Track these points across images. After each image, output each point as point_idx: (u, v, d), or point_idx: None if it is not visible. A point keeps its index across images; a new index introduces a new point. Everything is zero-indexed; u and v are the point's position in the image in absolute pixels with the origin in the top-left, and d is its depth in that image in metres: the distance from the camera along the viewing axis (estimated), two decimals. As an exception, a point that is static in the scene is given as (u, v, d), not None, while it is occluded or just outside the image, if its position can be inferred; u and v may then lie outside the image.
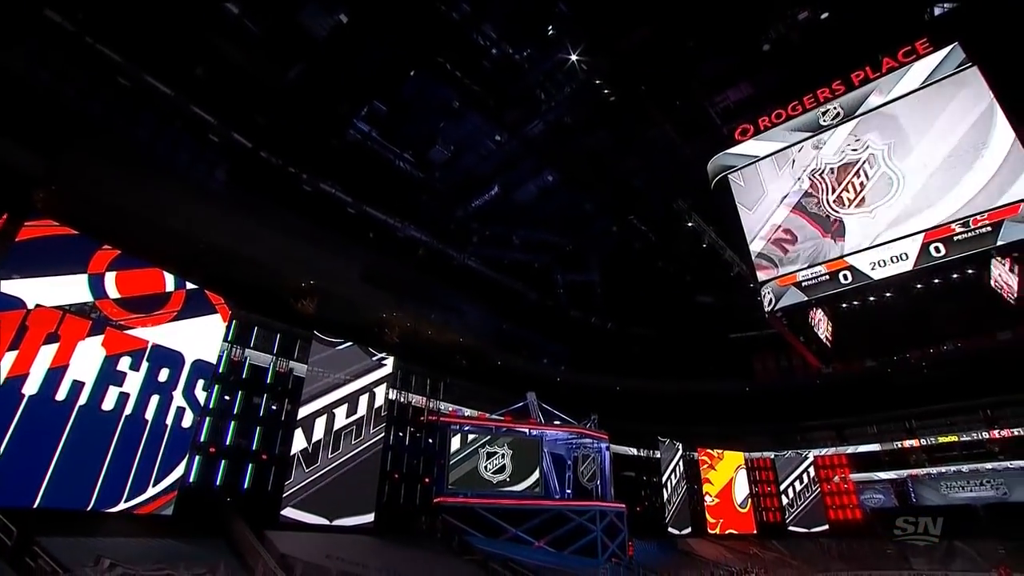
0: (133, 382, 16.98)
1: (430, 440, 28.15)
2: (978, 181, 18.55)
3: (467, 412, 30.80)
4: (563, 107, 24.61)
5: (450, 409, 30.10)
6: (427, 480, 27.58)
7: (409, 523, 24.83)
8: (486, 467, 28.39)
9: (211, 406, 19.61)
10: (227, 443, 20.74)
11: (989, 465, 40.22)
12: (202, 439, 19.00)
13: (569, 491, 31.57)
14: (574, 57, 22.16)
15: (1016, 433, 40.18)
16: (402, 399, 27.28)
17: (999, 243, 17.86)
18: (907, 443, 44.43)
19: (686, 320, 46.08)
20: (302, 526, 20.31)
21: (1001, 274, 20.22)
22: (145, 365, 17.37)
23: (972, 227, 18.32)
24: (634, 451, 39.93)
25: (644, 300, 43.08)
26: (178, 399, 17.97)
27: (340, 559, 17.15)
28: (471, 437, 28.88)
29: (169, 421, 17.59)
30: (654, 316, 45.81)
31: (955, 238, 18.60)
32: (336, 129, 25.48)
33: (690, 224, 29.54)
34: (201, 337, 19.08)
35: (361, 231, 31.25)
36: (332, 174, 27.36)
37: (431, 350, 35.76)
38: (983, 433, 41.60)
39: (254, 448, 21.59)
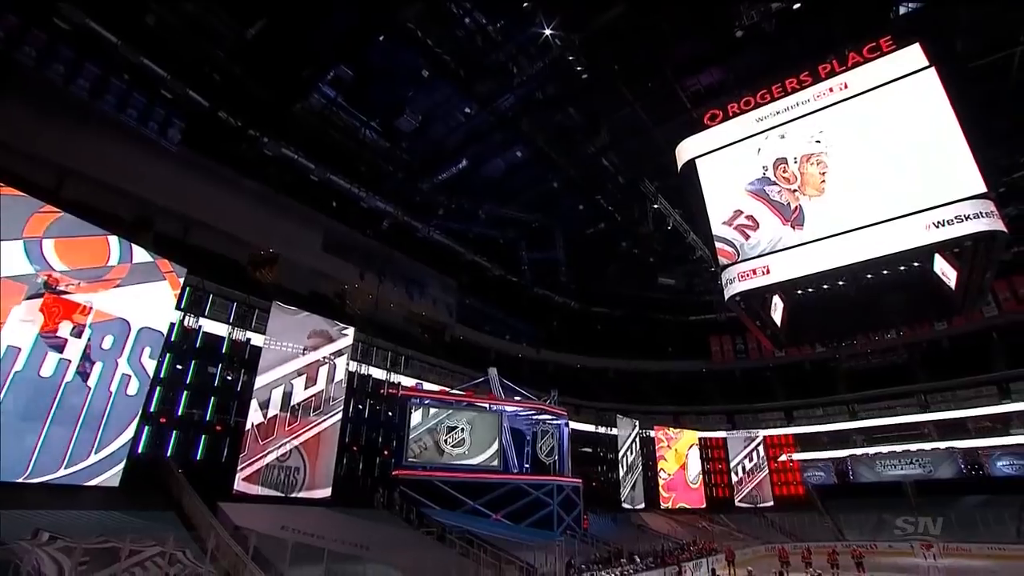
0: (74, 349, 16.19)
1: (390, 413, 28.04)
2: (928, 178, 19.22)
3: (428, 386, 30.77)
4: (535, 82, 24.24)
5: (411, 383, 29.97)
6: (386, 453, 27.59)
7: (367, 496, 24.84)
8: (446, 441, 28.54)
9: (162, 375, 18.94)
10: (179, 413, 20.19)
11: (918, 446, 42.96)
12: (152, 409, 18.39)
13: (527, 465, 32.11)
14: (548, 31, 21.74)
15: (945, 417, 42.99)
16: (363, 371, 26.97)
17: (936, 240, 18.58)
18: (849, 425, 46.97)
19: (648, 301, 46.93)
20: (257, 498, 20.04)
21: (944, 269, 21.19)
22: (87, 332, 16.57)
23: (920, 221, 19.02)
24: (592, 428, 40.80)
25: (608, 280, 43.55)
26: (123, 367, 17.24)
27: (296, 531, 17.00)
28: (432, 411, 28.91)
29: (113, 389, 16.90)
30: (617, 296, 46.47)
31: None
32: (299, 92, 24.48)
33: (656, 206, 29.81)
34: (149, 304, 18.23)
35: (324, 199, 30.49)
36: (295, 139, 26.39)
37: (393, 323, 35.51)
38: (917, 416, 44.28)
39: (208, 419, 21.09)
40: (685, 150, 24.81)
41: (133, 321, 17.68)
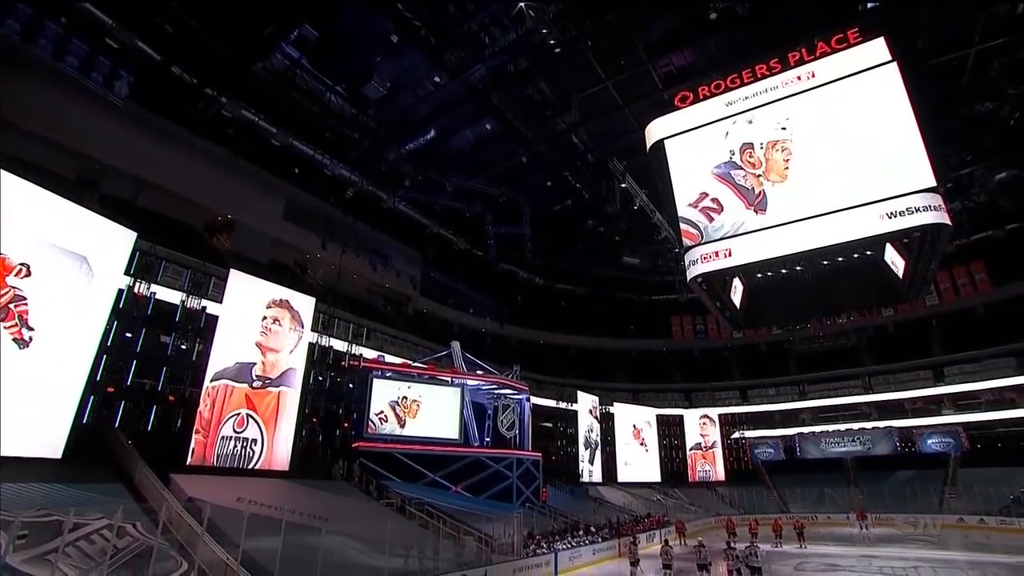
0: (10, 314, 15.27)
1: (351, 385, 27.73)
2: (884, 170, 19.83)
3: (390, 358, 30.53)
4: (507, 54, 23.72)
5: (373, 355, 29.68)
6: (346, 425, 27.37)
7: (326, 468, 24.66)
8: (407, 413, 28.52)
9: (109, 343, 18.12)
10: (128, 383, 19.45)
11: (860, 425, 45.59)
12: (98, 378, 17.62)
13: (488, 439, 32.45)
14: (522, 2, 21.24)
15: (885, 398, 45.67)
16: (323, 343, 26.48)
17: (889, 230, 19.30)
18: (799, 405, 49.27)
19: (613, 279, 47.50)
20: (213, 470, 19.62)
21: (893, 258, 22.09)
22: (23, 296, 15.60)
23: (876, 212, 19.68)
24: (553, 403, 41.44)
25: (573, 257, 43.80)
26: (61, 330, 16.32)
27: (253, 502, 16.73)
28: (393, 384, 28.77)
29: (51, 355, 16.05)
30: (582, 273, 46.85)
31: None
32: (260, 51, 23.31)
33: (624, 185, 29.91)
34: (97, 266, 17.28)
35: (286, 165, 29.48)
36: (255, 101, 25.24)
37: (355, 294, 34.98)
38: (861, 397, 46.85)
39: (160, 388, 20.41)
40: (654, 130, 24.85)
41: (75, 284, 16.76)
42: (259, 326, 22.44)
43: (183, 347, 21.34)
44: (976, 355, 42.40)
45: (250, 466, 20.91)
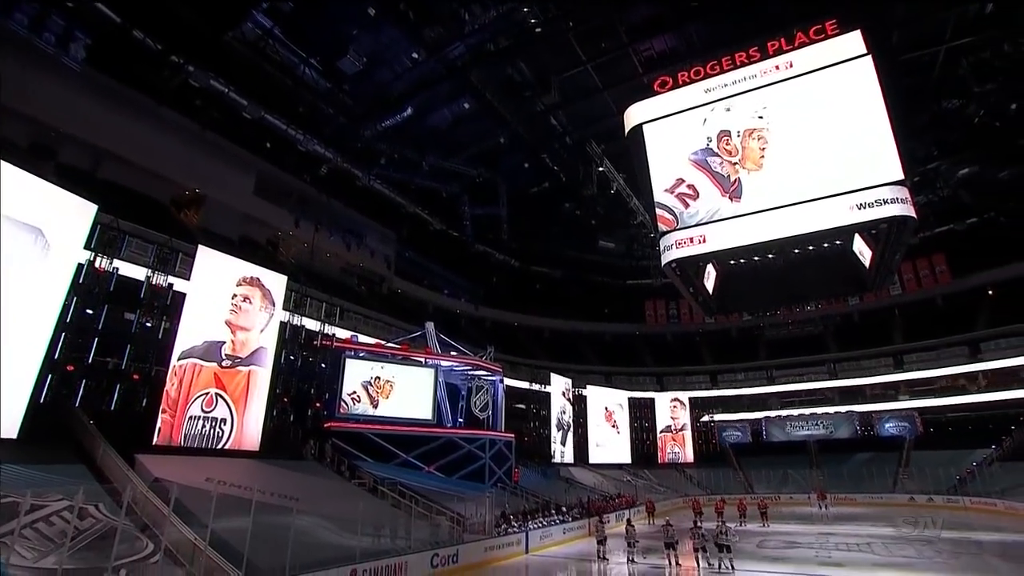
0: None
1: (323, 365, 27.39)
2: (855, 162, 20.21)
3: (363, 338, 30.23)
4: (487, 32, 23.28)
5: (346, 335, 29.34)
6: (318, 405, 27.09)
7: (298, 448, 24.43)
8: (380, 394, 28.39)
9: (68, 320, 17.46)
10: (89, 361, 18.81)
11: (824, 409, 47.29)
12: (56, 356, 16.99)
13: (461, 420, 32.55)
14: (503, -21, 20.85)
15: (848, 384, 47.43)
16: (295, 322, 26.01)
17: (858, 221, 19.76)
18: (767, 389, 50.73)
19: (588, 263, 47.73)
20: (180, 450, 19.24)
21: (861, 248, 22.66)
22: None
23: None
24: (527, 385, 41.74)
25: (549, 240, 43.81)
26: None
27: (222, 482, 16.48)
28: (366, 364, 28.55)
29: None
30: (558, 256, 46.95)
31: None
32: (231, 19, 22.38)
33: (601, 169, 29.88)
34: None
35: (257, 140, 28.61)
36: (225, 71, 24.30)
37: (329, 273, 34.47)
38: (826, 383, 48.49)
39: (123, 367, 19.80)
40: (633, 115, 24.82)
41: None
42: (229, 304, 21.89)
43: (148, 325, 20.69)
44: (934, 344, 44.33)
45: (219, 446, 20.56)
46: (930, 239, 40.40)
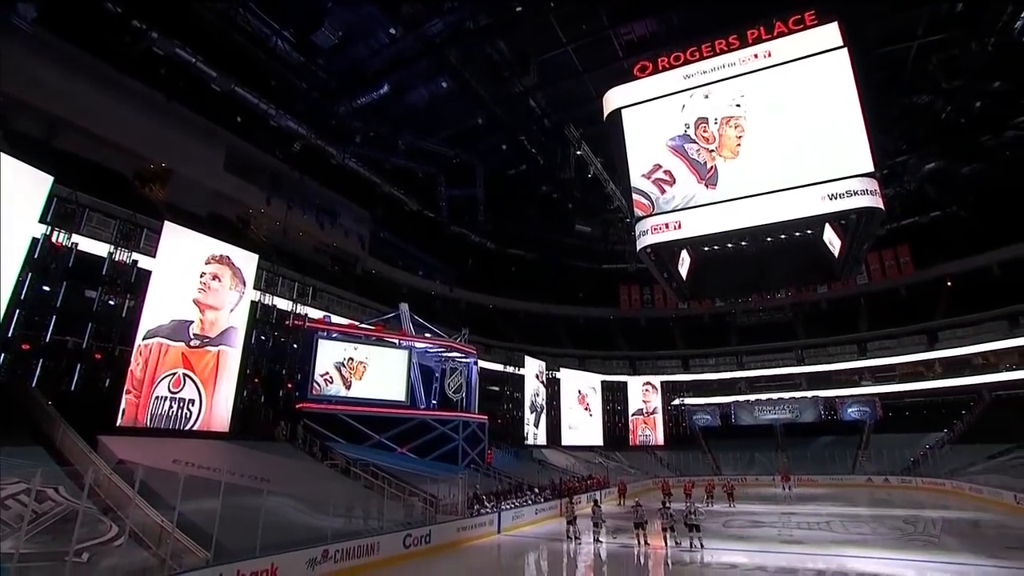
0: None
1: (295, 345, 26.98)
2: (828, 153, 20.56)
3: (336, 319, 29.85)
4: (466, 9, 22.80)
5: (319, 315, 28.92)
6: (290, 386, 26.74)
7: (269, 429, 24.13)
8: (353, 375, 28.15)
9: (23, 296, 16.73)
10: (47, 339, 18.11)
11: (791, 394, 48.75)
12: (10, 333, 16.29)
13: (435, 401, 32.57)
14: (485, -45, 20.34)
15: (814, 370, 48.95)
16: (266, 301, 25.48)
17: (829, 211, 20.16)
18: (737, 374, 52.00)
19: (564, 246, 47.81)
20: (146, 432, 18.77)
21: (831, 238, 23.17)
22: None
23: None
24: (501, 367, 41.92)
25: (525, 222, 43.67)
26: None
27: (190, 464, 16.21)
28: (339, 344, 28.23)
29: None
30: (534, 239, 46.89)
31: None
32: (198, -16, 21.45)
33: (579, 153, 29.77)
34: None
35: (227, 113, 27.64)
36: (192, 40, 23.30)
37: (301, 252, 33.82)
38: (794, 369, 49.93)
39: (84, 346, 19.16)
40: (612, 99, 24.74)
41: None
42: (197, 283, 21.31)
43: (111, 303, 20.00)
44: (895, 332, 46.04)
45: (187, 427, 20.16)
46: (896, 231, 41.54)
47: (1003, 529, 19.93)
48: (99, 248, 20.00)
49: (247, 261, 23.48)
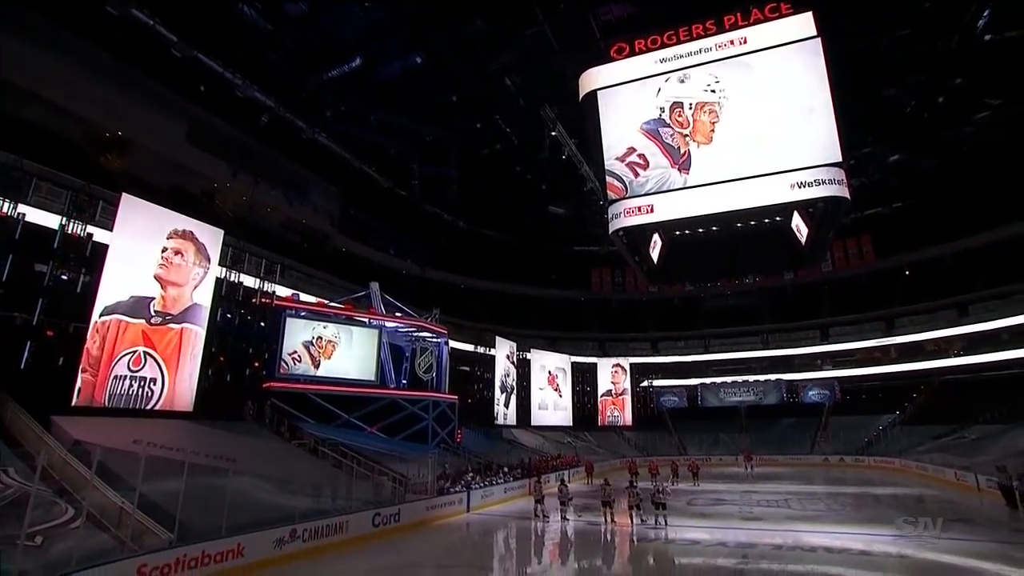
0: None
1: (262, 324, 26.38)
2: (799, 142, 20.93)
3: (305, 297, 29.27)
4: (443, -19, 22.25)
5: (287, 293, 28.31)
6: (257, 365, 26.20)
7: (235, 408, 23.63)
8: (322, 354, 27.75)
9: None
10: (-9, 316, 17.22)
11: (755, 377, 50.24)
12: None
13: (405, 381, 32.40)
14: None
15: (778, 354, 50.50)
16: (232, 278, 24.76)
17: (798, 198, 20.61)
18: (704, 357, 53.24)
19: (537, 228, 47.80)
20: (104, 412, 18.15)
21: (799, 225, 23.69)
22: None
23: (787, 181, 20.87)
24: (471, 347, 41.93)
25: (499, 203, 43.44)
26: None
27: (151, 444, 15.73)
28: (308, 323, 27.74)
29: None
30: (506, 220, 46.73)
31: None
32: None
33: (554, 133, 29.60)
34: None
35: (190, 82, 26.43)
36: (150, 2, 22.13)
37: (269, 228, 32.94)
38: (759, 352, 51.40)
39: (35, 323, 18.30)
40: (589, 80, 24.64)
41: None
42: (158, 258, 20.53)
43: (64, 277, 19.11)
44: (856, 318, 47.80)
45: (148, 407, 19.57)
46: (860, 220, 42.81)
47: (945, 503, 21.08)
48: (50, 220, 19.03)
49: (212, 236, 22.72)
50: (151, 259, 20.25)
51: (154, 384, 19.92)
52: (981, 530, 15.62)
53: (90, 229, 19.70)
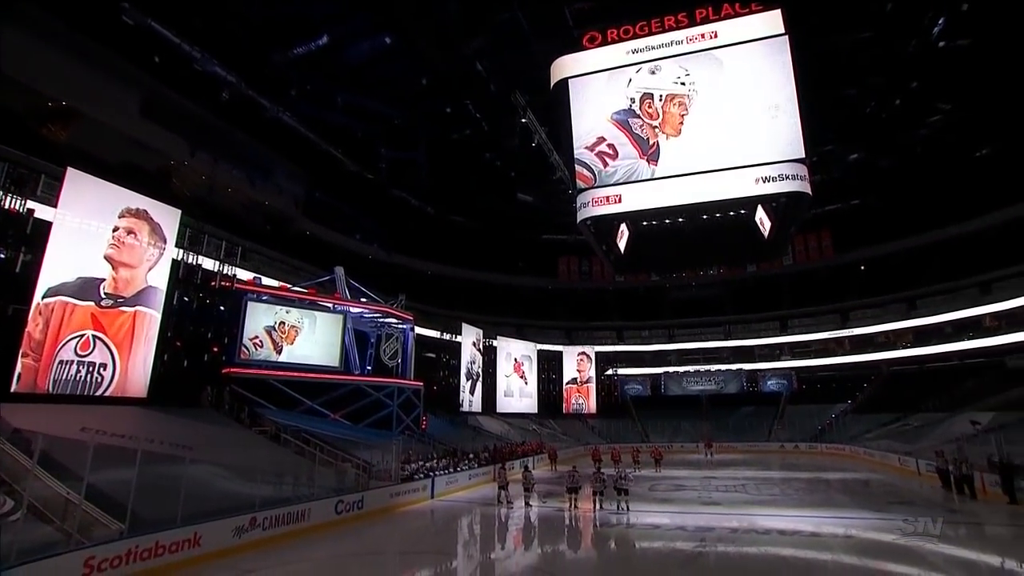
0: None
1: (222, 308, 25.53)
2: (764, 137, 21.36)
3: (268, 281, 28.49)
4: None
5: (248, 276, 27.48)
6: (216, 350, 25.39)
7: (192, 395, 22.87)
8: (284, 339, 27.13)
9: None
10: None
11: (717, 367, 51.60)
12: None
13: (370, 367, 32.00)
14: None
15: (739, 344, 51.98)
16: (190, 260, 23.82)
17: (762, 192, 21.08)
18: (668, 347, 54.31)
19: (505, 215, 47.63)
20: (48, 398, 17.28)
21: (762, 218, 24.25)
22: None
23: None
24: (438, 334, 41.70)
25: (467, 189, 43.08)
26: None
27: (101, 432, 15.04)
28: (271, 308, 27.04)
29: None
30: (475, 207, 46.42)
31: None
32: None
33: (524, 121, 29.41)
34: None
35: (144, 52, 25.10)
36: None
37: (230, 209, 31.82)
38: (721, 343, 52.80)
39: (-30, 304, 17.20)
40: (560, 68, 24.53)
41: None
42: (109, 237, 19.57)
43: (1, 256, 18.00)
44: (813, 311, 49.64)
45: (98, 393, 18.74)
46: (820, 216, 44.12)
47: (888, 487, 22.20)
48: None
49: (168, 216, 21.78)
50: (101, 238, 19.28)
51: (104, 369, 19.08)
52: (919, 511, 16.51)
53: (31, 204, 18.55)
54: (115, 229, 19.76)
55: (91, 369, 18.63)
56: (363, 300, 31.40)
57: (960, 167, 37.42)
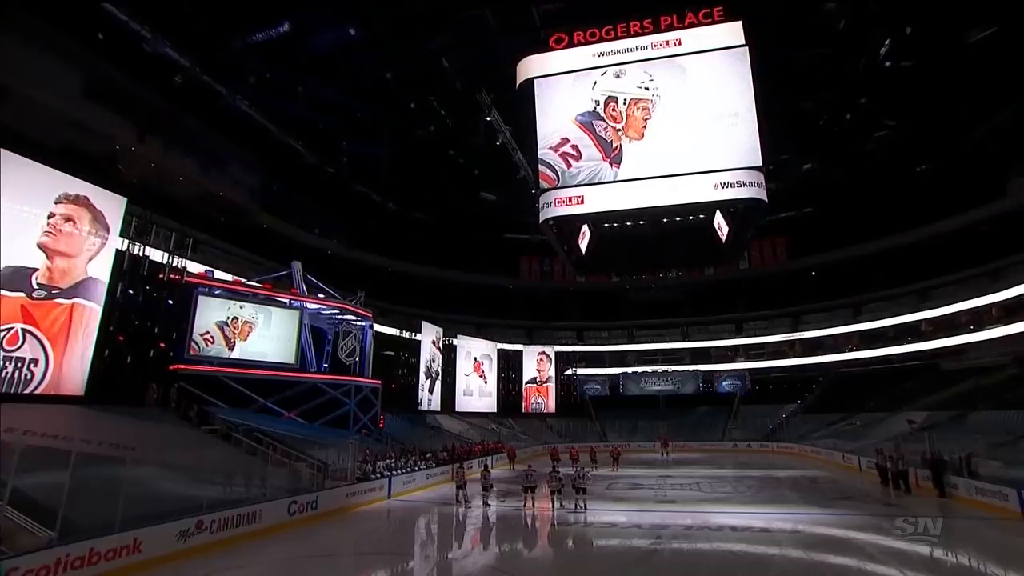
0: None
1: (171, 302, 24.40)
2: (724, 144, 21.93)
3: (220, 275, 27.42)
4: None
5: (200, 269, 26.37)
6: (163, 345, 24.24)
7: (136, 392, 21.76)
8: (237, 335, 26.17)
9: None
10: None
11: (674, 368, 52.79)
12: None
13: (326, 365, 31.24)
14: None
15: (696, 346, 53.38)
16: (136, 251, 22.63)
17: (720, 198, 21.64)
18: (627, 347, 55.23)
19: (467, 213, 47.40)
20: (-28, 396, 16.10)
21: (720, 223, 24.90)
22: None
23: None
24: (397, 332, 41.15)
25: (430, 186, 42.67)
26: None
27: (29, 432, 14.12)
28: (223, 302, 26.05)
29: None
30: (437, 204, 46.04)
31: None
32: None
33: (489, 119, 29.27)
34: None
35: (85, 28, 23.60)
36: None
37: (181, 199, 30.43)
38: (679, 344, 54.04)
39: None
40: (527, 67, 24.57)
41: None
42: (44, 224, 18.40)
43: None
44: (768, 314, 51.54)
45: (27, 391, 17.55)
46: (776, 222, 45.65)
47: (833, 483, 23.22)
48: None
49: (112, 204, 20.67)
50: (34, 225, 18.12)
51: (35, 365, 17.90)
52: (860, 505, 17.37)
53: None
54: (51, 216, 18.63)
55: (19, 365, 17.46)
56: (321, 296, 30.65)
57: (902, 181, 39.48)
